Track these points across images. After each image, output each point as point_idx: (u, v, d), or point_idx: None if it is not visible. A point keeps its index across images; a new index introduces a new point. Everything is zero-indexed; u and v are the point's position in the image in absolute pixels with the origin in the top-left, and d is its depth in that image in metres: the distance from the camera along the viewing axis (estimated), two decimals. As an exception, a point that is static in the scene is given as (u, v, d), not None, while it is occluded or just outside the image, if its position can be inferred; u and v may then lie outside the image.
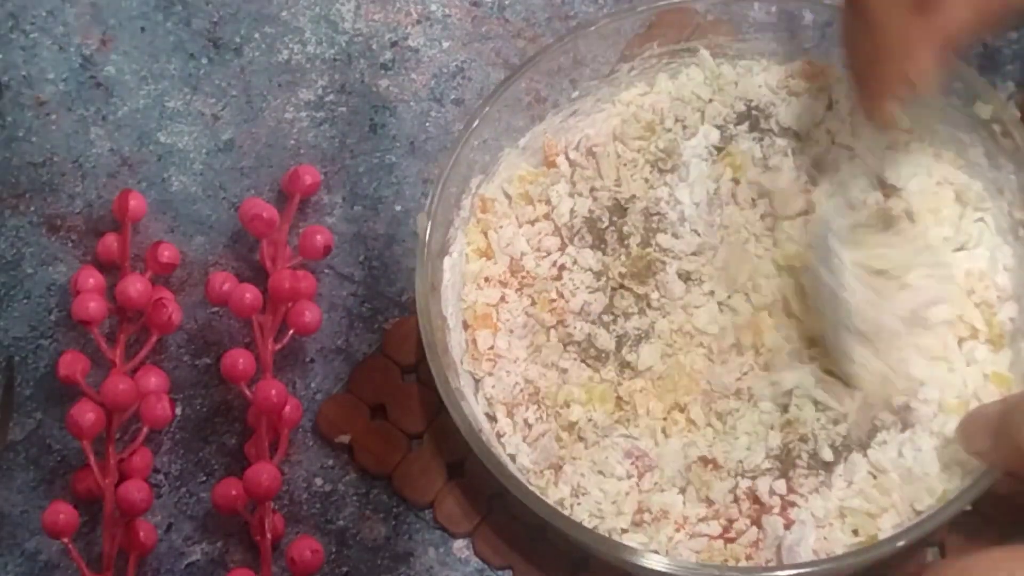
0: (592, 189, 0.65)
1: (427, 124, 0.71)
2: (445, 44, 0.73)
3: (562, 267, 0.64)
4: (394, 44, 0.73)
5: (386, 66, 0.73)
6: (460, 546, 0.63)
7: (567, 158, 0.66)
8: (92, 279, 0.66)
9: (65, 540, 0.61)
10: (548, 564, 0.61)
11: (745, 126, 0.66)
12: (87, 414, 0.62)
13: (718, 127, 0.66)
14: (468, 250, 0.65)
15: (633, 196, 0.65)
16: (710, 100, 0.67)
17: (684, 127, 0.66)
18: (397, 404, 0.65)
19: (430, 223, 0.62)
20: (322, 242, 0.66)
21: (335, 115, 0.72)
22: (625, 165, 0.66)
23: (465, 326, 0.64)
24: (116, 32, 0.74)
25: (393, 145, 0.71)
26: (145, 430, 0.63)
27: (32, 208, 0.70)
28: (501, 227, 0.65)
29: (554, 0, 0.74)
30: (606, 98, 0.67)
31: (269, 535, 0.61)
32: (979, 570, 0.47)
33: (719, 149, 0.66)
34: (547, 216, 0.65)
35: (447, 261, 0.63)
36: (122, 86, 0.73)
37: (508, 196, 0.66)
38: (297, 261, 0.67)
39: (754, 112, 0.66)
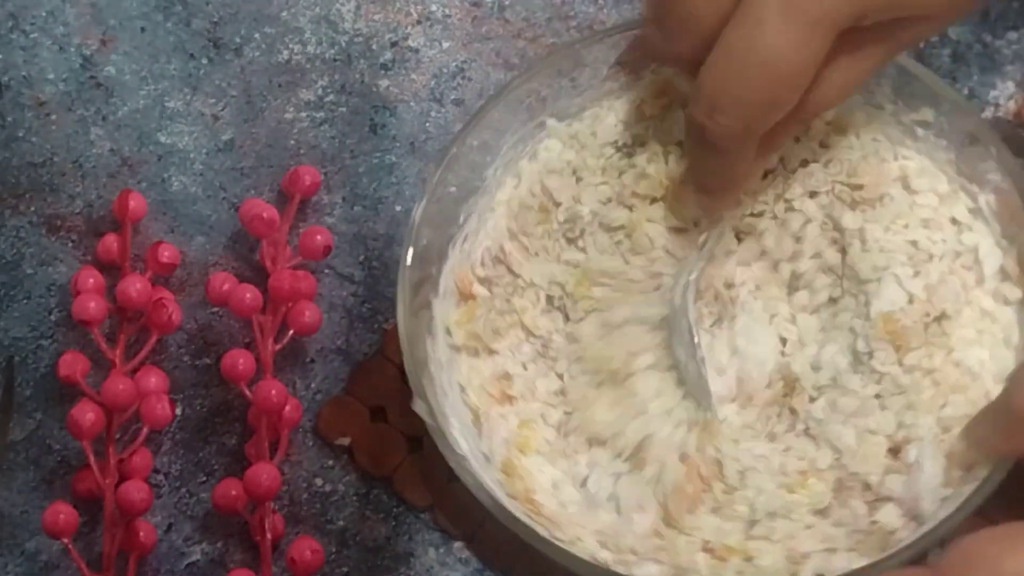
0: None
1: (427, 124, 0.71)
2: (445, 44, 0.73)
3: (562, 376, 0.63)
4: (394, 44, 0.73)
5: (386, 66, 0.73)
6: (460, 546, 0.63)
7: (480, 281, 0.64)
8: (92, 279, 0.66)
9: (65, 540, 0.61)
10: (549, 566, 0.61)
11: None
12: (87, 414, 0.62)
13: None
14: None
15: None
16: (583, 159, 0.65)
17: (573, 195, 0.65)
18: (397, 406, 0.65)
19: (426, 408, 0.59)
20: (322, 242, 0.66)
21: (335, 115, 0.72)
22: (537, 254, 0.64)
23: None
24: (116, 32, 0.74)
25: (393, 145, 0.71)
26: (145, 430, 0.63)
27: (32, 208, 0.70)
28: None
29: (554, 0, 0.74)
30: (486, 207, 0.65)
31: (269, 535, 0.61)
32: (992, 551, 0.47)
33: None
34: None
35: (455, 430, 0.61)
36: (122, 86, 0.73)
37: (458, 348, 0.63)
38: (297, 261, 0.67)
39: (625, 149, 0.65)
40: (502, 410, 0.62)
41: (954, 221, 0.62)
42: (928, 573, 0.47)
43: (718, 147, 0.56)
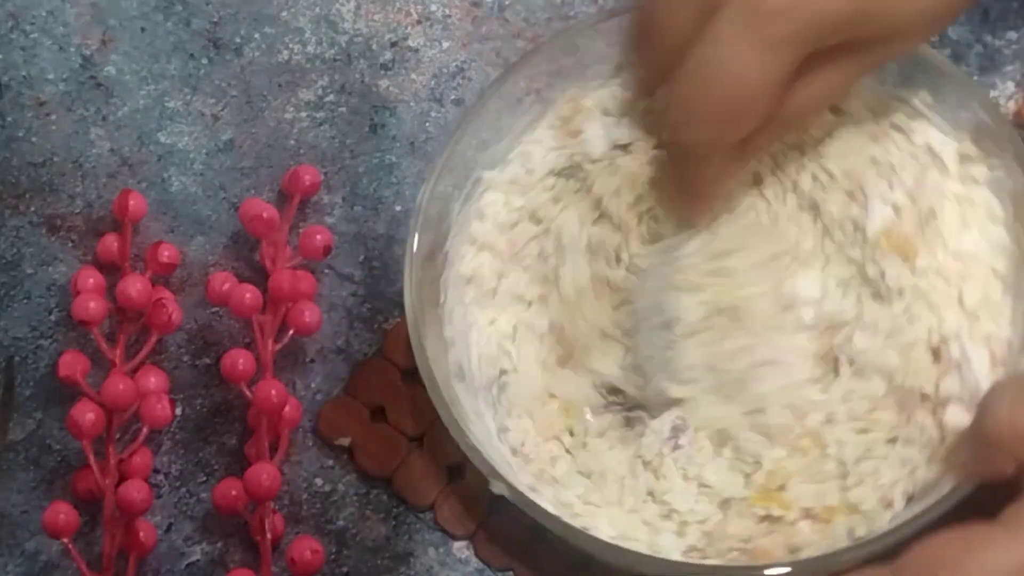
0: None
1: (427, 124, 0.71)
2: (445, 44, 0.73)
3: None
4: (394, 44, 0.73)
5: (386, 66, 0.73)
6: (460, 546, 0.63)
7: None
8: (92, 279, 0.66)
9: (65, 540, 0.61)
10: (550, 566, 0.61)
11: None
12: (87, 414, 0.62)
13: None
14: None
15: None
16: (534, 199, 0.65)
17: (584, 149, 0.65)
18: (396, 406, 0.65)
19: None
20: (322, 242, 0.66)
21: (335, 115, 0.72)
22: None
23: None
24: (116, 32, 0.74)
25: (393, 145, 0.71)
26: (145, 430, 0.63)
27: (32, 208, 0.70)
28: None
29: (554, 0, 0.74)
30: (458, 280, 0.64)
31: (269, 535, 0.61)
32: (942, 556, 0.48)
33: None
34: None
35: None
36: (122, 86, 0.73)
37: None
38: (297, 261, 0.67)
39: (566, 173, 0.65)
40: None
41: (896, 127, 0.63)
42: (886, 574, 0.48)
43: (694, 157, 0.57)
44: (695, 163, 0.58)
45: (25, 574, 0.63)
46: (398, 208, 0.70)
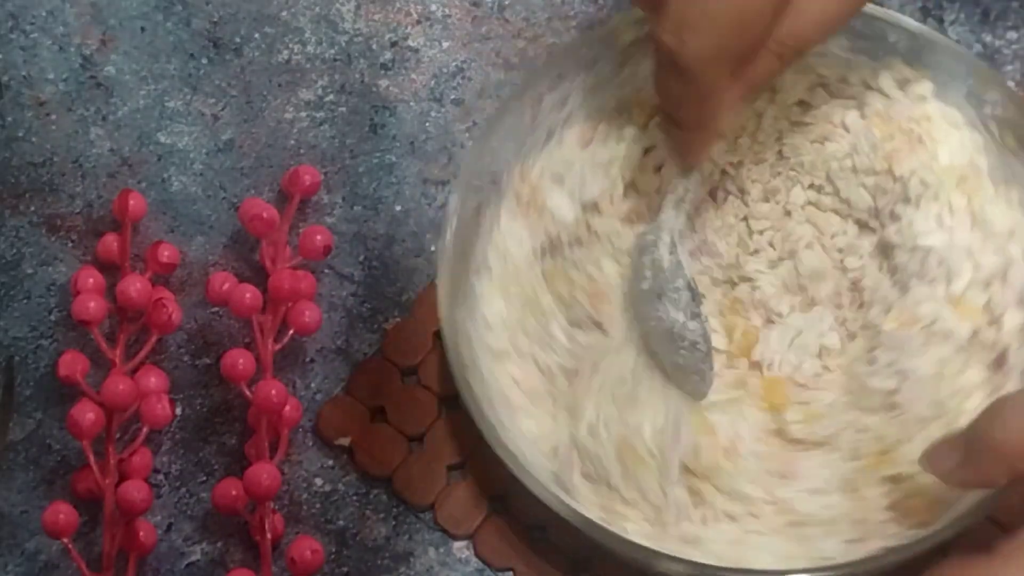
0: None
1: (427, 124, 0.72)
2: (445, 44, 0.73)
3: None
4: (394, 44, 0.73)
5: (386, 66, 0.73)
6: (460, 546, 0.63)
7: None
8: (92, 279, 0.66)
9: (65, 540, 0.61)
10: (550, 565, 0.61)
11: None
12: (87, 414, 0.62)
13: None
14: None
15: None
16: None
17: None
18: (397, 406, 0.65)
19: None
20: (322, 242, 0.66)
21: (335, 115, 0.72)
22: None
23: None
24: (116, 32, 0.74)
25: (393, 145, 0.71)
26: (145, 430, 0.63)
27: (32, 208, 0.70)
28: None
29: (554, 0, 0.74)
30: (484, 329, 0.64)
31: (269, 535, 0.61)
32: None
33: None
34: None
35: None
36: (122, 86, 0.73)
37: None
38: (297, 261, 0.67)
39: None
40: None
41: (827, 80, 0.64)
42: None
43: (689, 72, 0.54)
44: (695, 79, 0.54)
45: (25, 574, 0.63)
46: (398, 208, 0.70)
